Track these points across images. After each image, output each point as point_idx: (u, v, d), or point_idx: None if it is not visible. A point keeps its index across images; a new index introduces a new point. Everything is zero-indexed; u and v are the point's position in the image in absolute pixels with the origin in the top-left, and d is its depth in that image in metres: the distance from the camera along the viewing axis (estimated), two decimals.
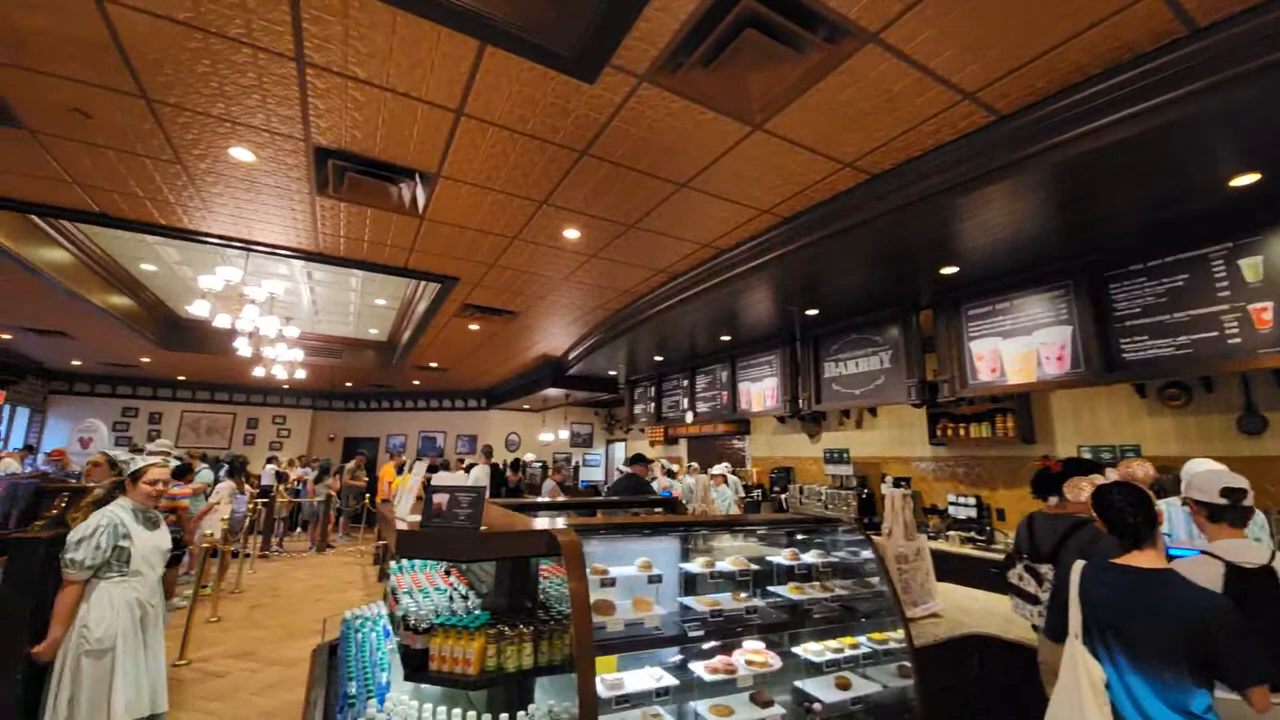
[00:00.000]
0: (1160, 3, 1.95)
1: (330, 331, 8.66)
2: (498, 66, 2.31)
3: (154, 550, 2.75)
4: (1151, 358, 3.32)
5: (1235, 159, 2.57)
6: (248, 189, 3.43)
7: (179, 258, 5.74)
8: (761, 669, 2.29)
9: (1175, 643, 1.64)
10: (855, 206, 3.27)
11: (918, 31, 2.08)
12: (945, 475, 5.68)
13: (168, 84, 2.46)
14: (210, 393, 12.30)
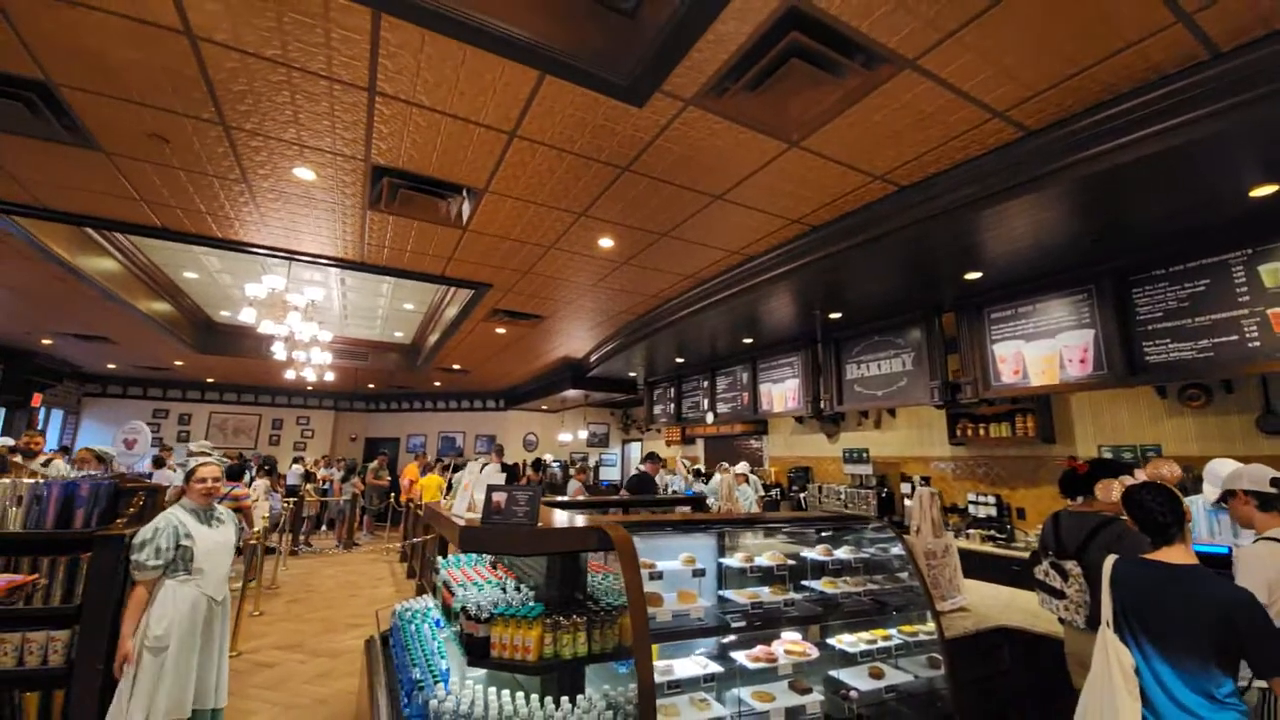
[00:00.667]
0: (1184, 29, 2.06)
1: (357, 335, 8.89)
2: (554, 93, 2.46)
3: (218, 547, 2.87)
4: (1174, 360, 3.42)
5: (1255, 171, 2.67)
6: (305, 204, 3.62)
7: (220, 266, 5.96)
8: (800, 658, 2.42)
9: (1202, 634, 1.75)
10: (883, 216, 3.40)
11: (955, 57, 2.21)
12: (965, 475, 5.78)
13: (246, 113, 2.64)
14: (237, 394, 12.61)
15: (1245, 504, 2.20)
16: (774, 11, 2.03)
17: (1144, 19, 2.02)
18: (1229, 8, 1.94)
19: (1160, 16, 2.00)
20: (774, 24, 2.08)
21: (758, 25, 2.09)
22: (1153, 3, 1.95)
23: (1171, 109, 2.34)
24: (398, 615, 3.36)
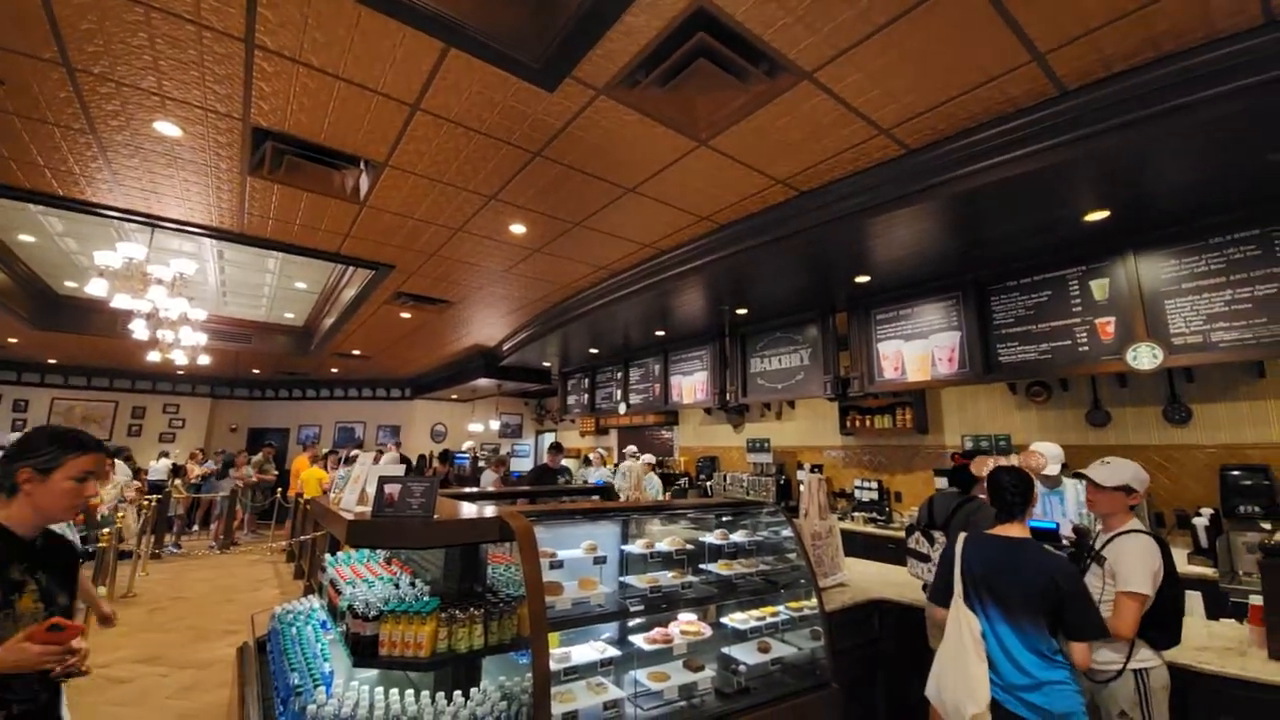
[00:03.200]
0: (1038, 68, 2.35)
1: (239, 314, 8.07)
2: (460, 68, 2.36)
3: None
4: (1020, 361, 3.91)
5: (1091, 198, 3.11)
6: (168, 164, 3.21)
7: (63, 229, 5.17)
8: (694, 638, 2.53)
9: (1033, 597, 2.04)
10: (784, 219, 3.59)
11: (847, 74, 2.37)
12: (853, 462, 6.28)
13: (95, 54, 2.30)
14: (87, 378, 11.01)
15: (1131, 501, 2.26)
16: (683, 10, 2.07)
17: (1005, 56, 2.27)
18: (1076, 51, 2.23)
19: (1018, 55, 2.27)
20: (682, 22, 2.12)
21: (667, 21, 2.12)
22: (1012, 42, 2.20)
23: (1025, 139, 2.66)
24: (277, 618, 3.12)
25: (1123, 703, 2.07)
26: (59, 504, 1.45)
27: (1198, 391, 4.04)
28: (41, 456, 1.42)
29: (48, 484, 1.42)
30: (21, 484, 1.40)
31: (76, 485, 1.46)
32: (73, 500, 1.46)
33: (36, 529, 1.47)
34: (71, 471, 1.45)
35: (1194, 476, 4.02)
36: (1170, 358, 3.27)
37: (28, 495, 1.40)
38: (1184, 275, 3.28)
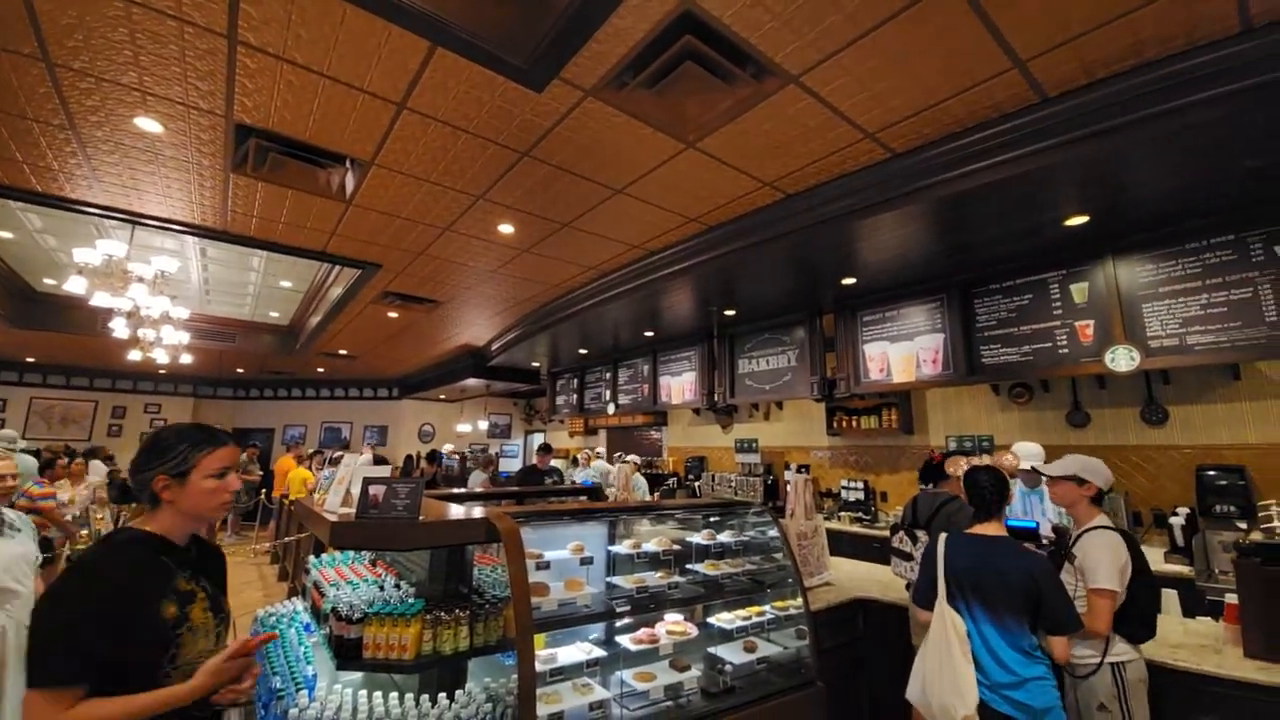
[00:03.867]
0: (1019, 74, 2.39)
1: (223, 313, 7.96)
2: (447, 67, 2.35)
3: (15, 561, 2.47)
4: (1002, 363, 3.97)
5: (1071, 203, 3.16)
6: (150, 161, 3.16)
7: (41, 225, 5.07)
8: (681, 638, 2.54)
9: (1016, 595, 2.07)
10: (772, 221, 3.62)
11: (833, 78, 2.40)
12: (839, 462, 6.33)
13: (75, 49, 2.26)
14: (66, 377, 10.80)
15: (1085, 493, 2.32)
16: (670, 12, 2.08)
17: (987, 62, 2.31)
18: (1056, 57, 2.27)
19: (999, 62, 2.30)
20: (669, 25, 2.13)
21: (654, 24, 2.13)
22: (993, 48, 2.23)
23: (1007, 144, 2.70)
24: (259, 621, 3.08)
25: (1101, 696, 2.11)
26: (206, 504, 1.37)
27: (1174, 393, 4.12)
28: (173, 460, 1.34)
29: (187, 487, 1.35)
30: (160, 492, 1.33)
31: (218, 482, 1.38)
32: (218, 498, 1.38)
33: (188, 535, 1.41)
34: (208, 469, 1.37)
35: (1171, 476, 4.10)
36: (1147, 360, 3.34)
37: (170, 502, 1.34)
38: (1161, 279, 3.35)
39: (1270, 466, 3.66)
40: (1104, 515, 2.34)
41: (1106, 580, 2.11)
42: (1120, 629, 2.14)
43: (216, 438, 1.41)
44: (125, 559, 1.28)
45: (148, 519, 1.35)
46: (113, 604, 1.20)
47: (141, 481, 1.33)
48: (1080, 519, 2.36)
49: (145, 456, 1.34)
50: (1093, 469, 2.36)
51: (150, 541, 1.33)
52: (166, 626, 1.25)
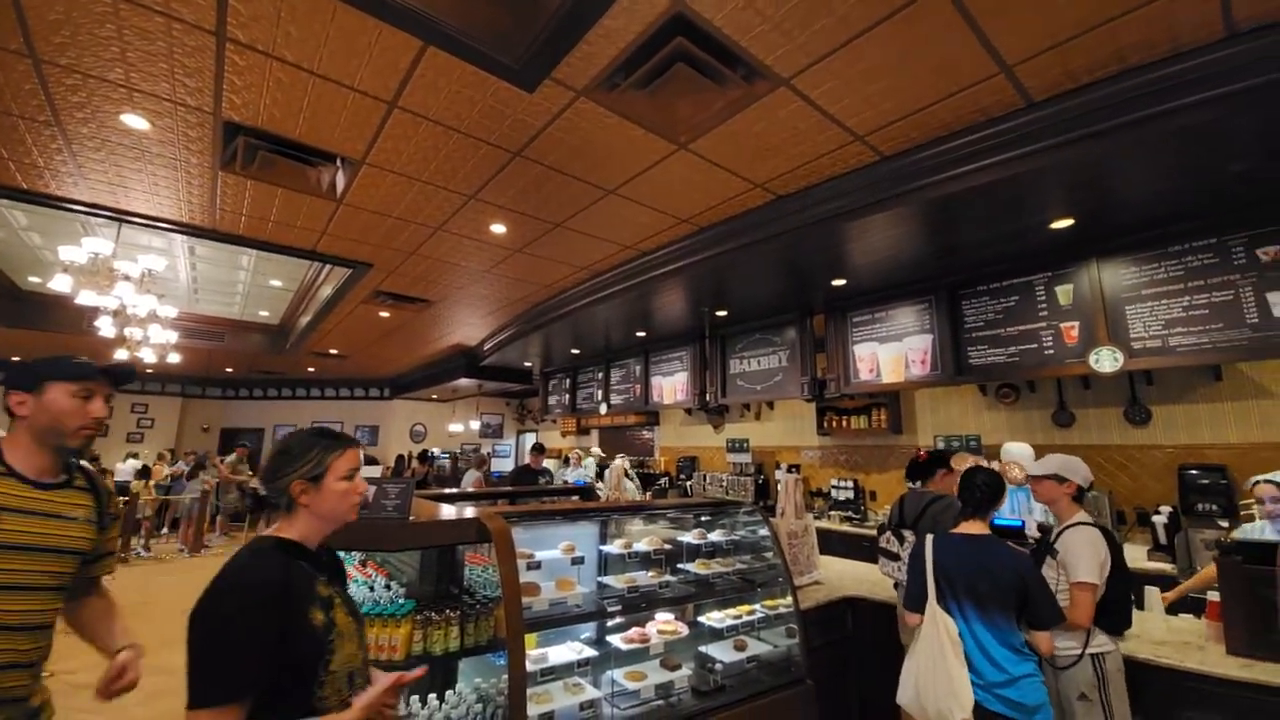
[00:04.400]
0: (1006, 80, 2.42)
1: (211, 312, 7.88)
2: (438, 66, 2.35)
3: None
4: (989, 364, 4.01)
5: (1057, 207, 3.20)
6: (136, 158, 3.13)
7: (27, 222, 5.01)
8: (672, 637, 2.55)
9: (1005, 593, 2.10)
10: (763, 222, 3.64)
11: (823, 81, 2.42)
12: (829, 462, 6.37)
13: (62, 45, 2.23)
14: None
15: (1065, 491, 2.39)
16: (661, 14, 2.09)
17: (975, 67, 2.33)
18: (1043, 63, 2.30)
19: (987, 67, 2.33)
20: (661, 26, 2.14)
21: (646, 25, 2.14)
22: (981, 53, 2.26)
23: (994, 148, 2.74)
24: None
25: (1082, 686, 2.16)
26: (339, 507, 1.36)
27: (1157, 394, 4.19)
28: (308, 464, 1.33)
29: (322, 491, 1.34)
30: (298, 497, 1.32)
31: (349, 484, 1.38)
32: (350, 499, 1.38)
33: (322, 540, 1.40)
34: (340, 471, 1.36)
35: (1154, 476, 4.16)
36: (1130, 361, 3.39)
37: (306, 507, 1.33)
38: (1144, 282, 3.40)
39: (1251, 466, 3.72)
40: (1084, 512, 2.40)
41: (1088, 574, 2.17)
42: (1099, 621, 2.19)
43: (343, 440, 1.41)
44: (275, 566, 1.24)
45: (284, 525, 1.34)
46: (272, 614, 1.17)
47: (279, 488, 1.32)
48: (1062, 515, 2.42)
49: (280, 463, 1.34)
50: (1071, 467, 2.42)
51: (291, 548, 1.31)
52: (319, 634, 1.23)
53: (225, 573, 1.21)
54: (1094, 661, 2.17)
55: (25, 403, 1.43)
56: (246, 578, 1.20)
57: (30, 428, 1.44)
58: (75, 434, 1.47)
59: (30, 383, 1.44)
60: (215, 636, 1.14)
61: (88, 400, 1.48)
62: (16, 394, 1.43)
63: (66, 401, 1.45)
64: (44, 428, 1.44)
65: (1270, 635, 2.15)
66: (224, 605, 1.16)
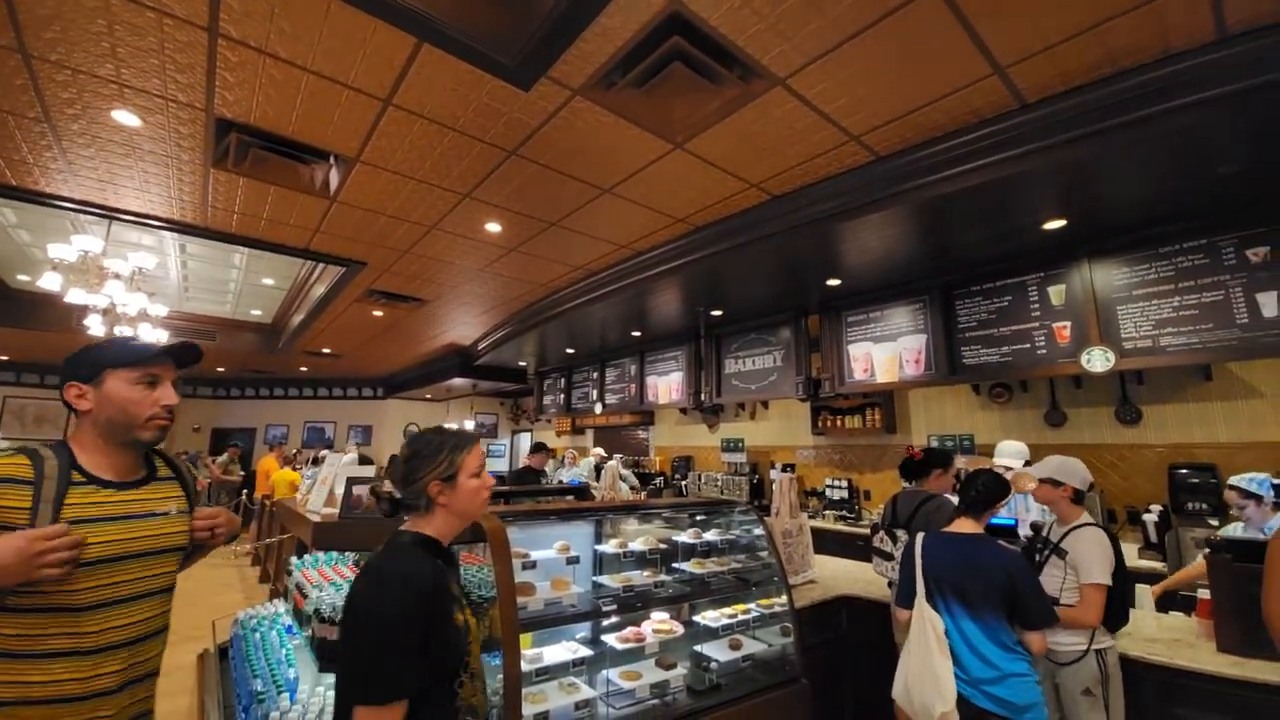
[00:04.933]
0: (999, 81, 2.43)
1: (203, 310, 7.82)
2: (434, 64, 2.34)
3: None
4: (983, 364, 4.04)
5: (1049, 208, 3.22)
6: (127, 154, 3.10)
7: (16, 220, 4.95)
8: (667, 636, 2.55)
9: (993, 591, 2.11)
10: (759, 222, 3.64)
11: (818, 81, 2.42)
12: (824, 461, 6.39)
13: (53, 40, 2.21)
14: (40, 375, 10.54)
15: (1062, 494, 2.42)
16: (657, 13, 2.09)
17: (968, 69, 2.35)
18: (1035, 65, 2.31)
19: (980, 68, 2.34)
20: (657, 25, 2.14)
21: (642, 24, 2.14)
22: (974, 55, 2.27)
23: (988, 149, 2.75)
24: (240, 624, 3.04)
25: (1086, 681, 2.19)
26: (472, 504, 1.37)
27: (1148, 393, 4.22)
28: (443, 463, 1.33)
29: (456, 489, 1.34)
30: (435, 497, 1.32)
31: (479, 480, 1.38)
32: (481, 496, 1.38)
33: (455, 537, 1.39)
34: (471, 469, 1.36)
35: (1144, 475, 4.20)
36: (1122, 361, 3.41)
37: (443, 506, 1.33)
38: (1135, 282, 3.43)
39: (1241, 464, 3.76)
40: (1088, 514, 2.43)
41: (1101, 575, 2.20)
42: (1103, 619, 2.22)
43: (469, 437, 1.41)
44: (427, 564, 1.23)
45: (421, 523, 1.33)
46: (427, 609, 1.18)
47: (417, 490, 1.32)
48: (1064, 517, 2.45)
49: (416, 464, 1.33)
50: (1068, 470, 2.45)
51: (430, 545, 1.30)
52: (461, 634, 1.24)
53: (381, 570, 1.21)
54: (1098, 657, 2.20)
55: (85, 395, 1.28)
56: (400, 575, 1.20)
57: (95, 423, 1.28)
58: (146, 425, 1.31)
59: (87, 373, 1.28)
60: (378, 633, 1.14)
61: (153, 387, 1.32)
62: (74, 386, 1.27)
63: (129, 390, 1.29)
64: (110, 422, 1.28)
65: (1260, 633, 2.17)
66: (384, 603, 1.16)
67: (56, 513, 1.17)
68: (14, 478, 1.15)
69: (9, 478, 1.15)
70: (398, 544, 1.28)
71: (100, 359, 1.29)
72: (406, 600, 1.16)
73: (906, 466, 3.27)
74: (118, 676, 1.23)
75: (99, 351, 1.31)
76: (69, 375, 1.28)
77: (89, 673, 1.19)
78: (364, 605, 1.17)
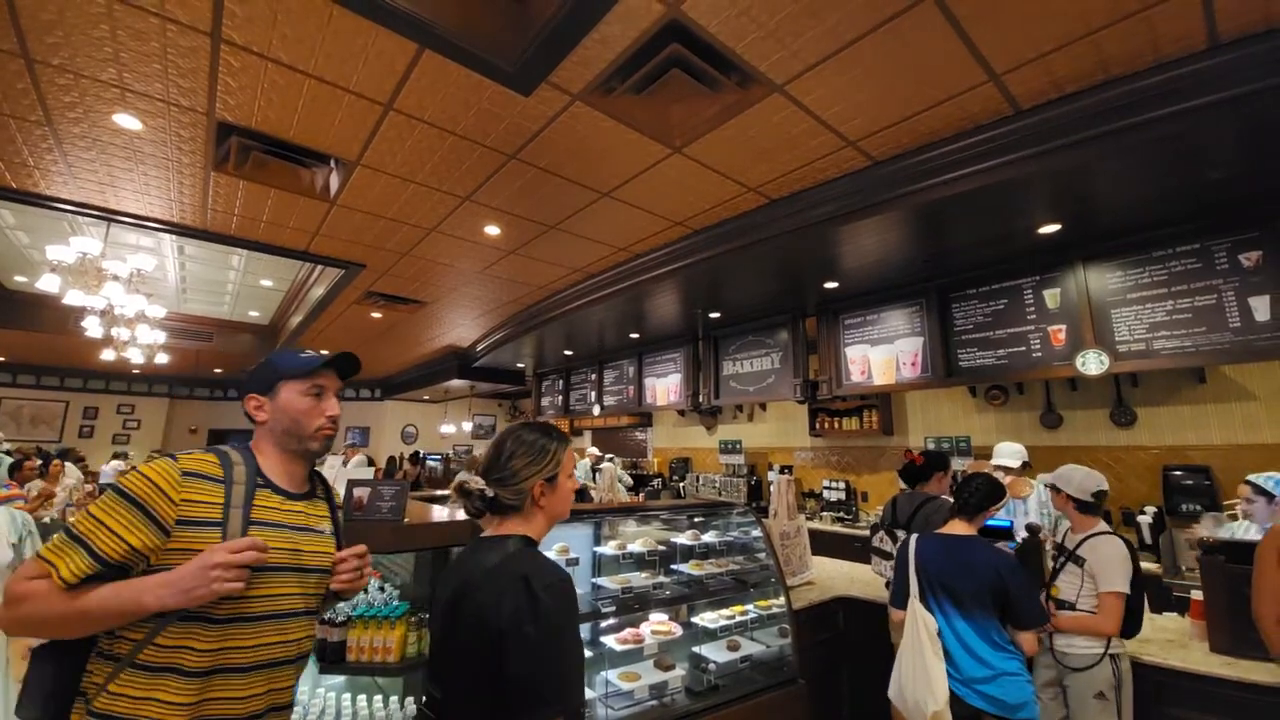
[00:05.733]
0: (994, 88, 2.46)
1: (200, 312, 7.81)
2: (434, 69, 2.35)
3: None
4: (979, 366, 4.07)
5: (1043, 212, 3.25)
6: (128, 157, 3.11)
7: (14, 221, 4.95)
8: (666, 637, 2.57)
9: (983, 592, 2.14)
10: (757, 225, 3.67)
11: (815, 88, 2.45)
12: (821, 463, 6.42)
13: (55, 45, 2.22)
14: (36, 376, 10.50)
15: (1065, 502, 2.48)
16: (656, 20, 2.11)
17: (964, 75, 2.37)
18: (1030, 72, 2.34)
19: (976, 75, 2.37)
20: (656, 33, 2.16)
21: (641, 31, 2.16)
22: (970, 62, 2.30)
23: (983, 154, 2.78)
24: None
25: (1101, 685, 2.21)
26: (566, 505, 1.35)
27: (1142, 396, 4.26)
28: (550, 463, 1.30)
29: (557, 490, 1.32)
30: (538, 499, 1.30)
31: (573, 481, 1.37)
32: (572, 498, 1.37)
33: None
34: (568, 468, 1.34)
35: (1139, 476, 4.24)
36: (1116, 364, 3.45)
37: (543, 508, 1.31)
38: (1129, 286, 3.46)
39: (1234, 466, 3.80)
40: (1103, 521, 2.45)
41: (1121, 583, 2.23)
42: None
43: (565, 436, 1.38)
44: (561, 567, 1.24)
45: (520, 524, 1.29)
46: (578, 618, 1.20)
47: (522, 490, 1.28)
48: (1076, 524, 2.47)
49: (519, 464, 1.29)
50: (1064, 478, 2.50)
51: (533, 546, 1.29)
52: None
53: (539, 574, 1.17)
54: (1112, 662, 2.22)
55: (263, 407, 1.30)
56: (560, 581, 1.18)
57: (272, 433, 1.29)
58: (315, 435, 1.31)
59: (264, 385, 1.30)
60: (565, 639, 1.13)
61: (319, 398, 1.32)
62: (254, 398, 1.30)
63: (300, 401, 1.30)
64: (285, 432, 1.29)
65: (1252, 633, 2.20)
66: (558, 607, 1.14)
67: (247, 518, 1.17)
68: (206, 474, 1.17)
69: (200, 473, 1.16)
70: (522, 551, 1.23)
71: (276, 371, 1.31)
72: (571, 603, 1.17)
73: (908, 472, 3.29)
74: (263, 700, 1.18)
75: (274, 364, 1.32)
76: (249, 388, 1.31)
77: (243, 692, 1.14)
78: (538, 612, 1.12)
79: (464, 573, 1.25)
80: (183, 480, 1.13)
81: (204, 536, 1.12)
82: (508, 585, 1.16)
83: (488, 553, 1.24)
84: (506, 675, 1.10)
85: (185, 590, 1.04)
